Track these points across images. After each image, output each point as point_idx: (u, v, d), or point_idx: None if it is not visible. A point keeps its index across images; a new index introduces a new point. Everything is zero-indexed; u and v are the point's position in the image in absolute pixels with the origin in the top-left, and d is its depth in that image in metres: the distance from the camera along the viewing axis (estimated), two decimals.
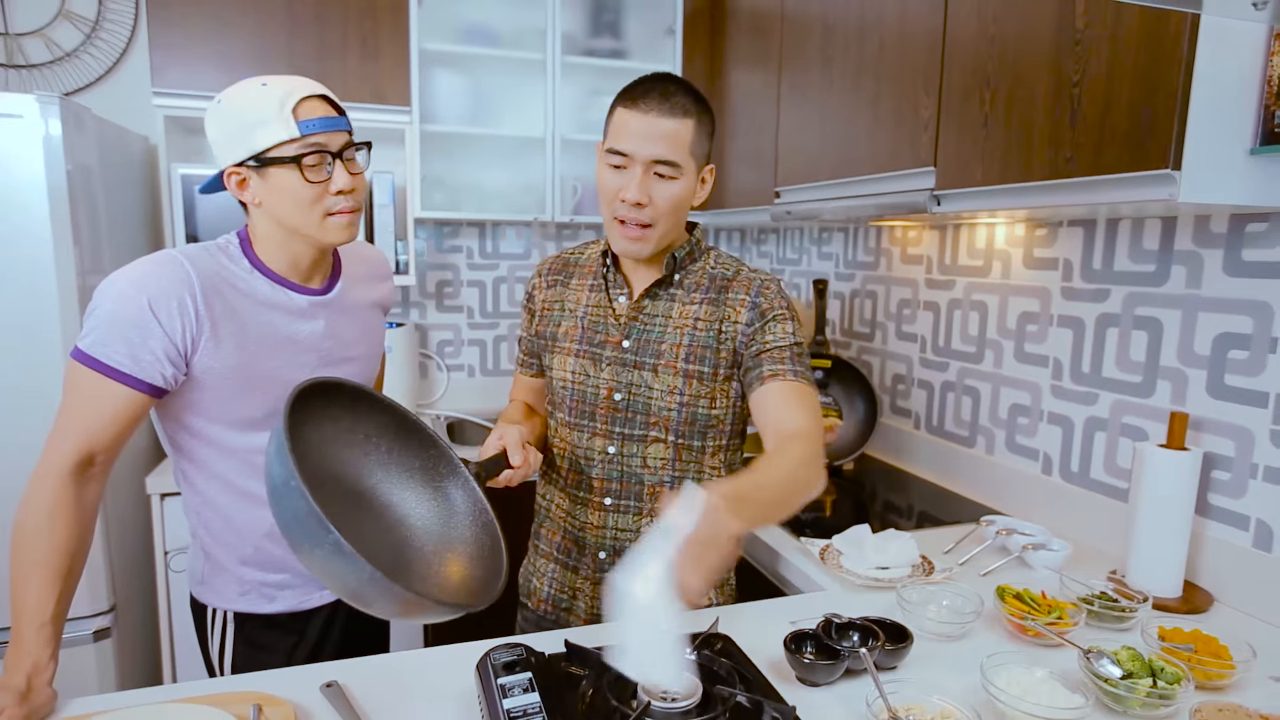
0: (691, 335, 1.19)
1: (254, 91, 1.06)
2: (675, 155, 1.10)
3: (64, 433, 1.01)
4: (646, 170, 1.10)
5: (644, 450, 1.21)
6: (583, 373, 1.22)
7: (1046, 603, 1.17)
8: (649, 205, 1.11)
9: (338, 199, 1.09)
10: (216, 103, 1.08)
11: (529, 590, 1.34)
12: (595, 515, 1.24)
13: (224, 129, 1.06)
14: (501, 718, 0.80)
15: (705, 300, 1.20)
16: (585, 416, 1.23)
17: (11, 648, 0.92)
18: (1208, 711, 0.88)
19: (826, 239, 2.46)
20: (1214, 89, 1.02)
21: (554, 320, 1.28)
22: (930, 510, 1.77)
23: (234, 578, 1.21)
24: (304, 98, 1.06)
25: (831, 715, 0.93)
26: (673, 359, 1.19)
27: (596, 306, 1.24)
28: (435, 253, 2.68)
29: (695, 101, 1.12)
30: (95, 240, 1.81)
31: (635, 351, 1.20)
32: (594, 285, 1.26)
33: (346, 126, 1.11)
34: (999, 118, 1.30)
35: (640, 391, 1.19)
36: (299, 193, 1.07)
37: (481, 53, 2.33)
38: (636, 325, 1.21)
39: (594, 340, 1.22)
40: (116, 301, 1.01)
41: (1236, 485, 1.29)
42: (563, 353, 1.25)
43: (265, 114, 1.04)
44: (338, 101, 1.12)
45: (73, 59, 2.19)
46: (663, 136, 1.09)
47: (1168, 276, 1.40)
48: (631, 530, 1.23)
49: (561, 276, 1.30)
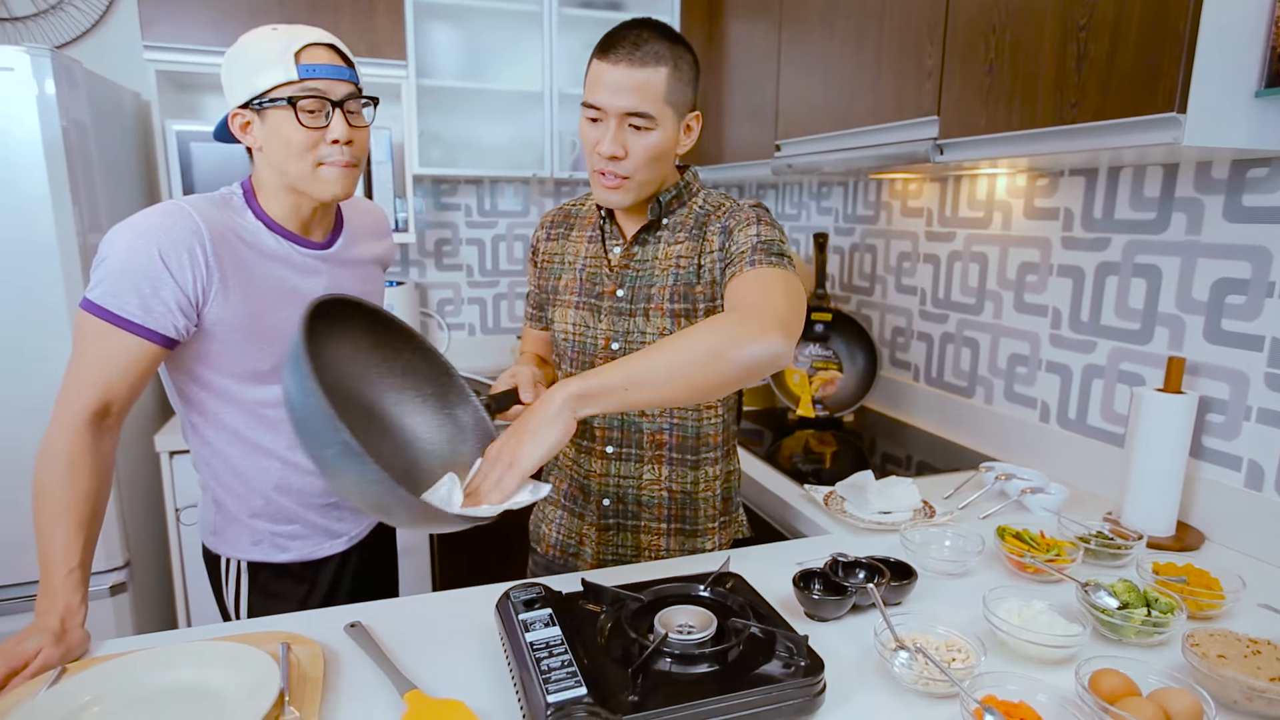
0: (675, 275, 1.18)
1: (264, 36, 1.06)
2: (647, 106, 1.07)
3: (78, 384, 1.02)
4: (620, 122, 1.08)
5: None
6: (583, 324, 1.23)
7: (1045, 542, 1.21)
8: (626, 157, 1.10)
9: (332, 149, 1.08)
10: (231, 48, 1.08)
11: (538, 536, 1.37)
12: (598, 464, 1.26)
13: (232, 70, 1.07)
14: (525, 652, 0.83)
15: (689, 238, 1.19)
16: (585, 367, 1.23)
17: (42, 594, 0.95)
18: (1200, 637, 0.92)
19: (826, 193, 2.46)
20: (1221, 31, 1.02)
21: (554, 273, 1.28)
22: (930, 460, 1.80)
23: (246, 528, 1.23)
24: (310, 44, 1.06)
25: (841, 648, 0.97)
26: (660, 301, 1.18)
27: (593, 258, 1.24)
28: (433, 210, 2.66)
29: (670, 46, 1.08)
30: (92, 198, 1.80)
31: (629, 299, 1.20)
32: (591, 236, 1.26)
33: (351, 77, 1.10)
34: (1004, 64, 1.30)
35: (635, 339, 1.20)
36: (292, 137, 1.06)
37: (478, 5, 2.29)
38: (629, 273, 1.20)
39: (592, 292, 1.22)
40: (126, 253, 1.01)
41: (1230, 427, 1.32)
42: (564, 305, 1.25)
43: (269, 56, 1.04)
44: (348, 53, 1.11)
45: (58, 11, 2.14)
46: (634, 88, 1.06)
47: (1168, 223, 1.41)
48: (634, 477, 1.25)
49: (563, 229, 1.30)
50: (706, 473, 1.27)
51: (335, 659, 0.93)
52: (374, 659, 0.92)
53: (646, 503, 1.26)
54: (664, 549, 1.28)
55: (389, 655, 0.93)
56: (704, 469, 1.27)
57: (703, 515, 1.29)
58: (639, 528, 1.27)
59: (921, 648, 0.88)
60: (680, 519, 1.27)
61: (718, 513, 1.30)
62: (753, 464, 1.73)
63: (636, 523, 1.27)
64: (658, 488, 1.26)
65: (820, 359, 2.14)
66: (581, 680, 0.77)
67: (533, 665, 0.80)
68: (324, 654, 0.92)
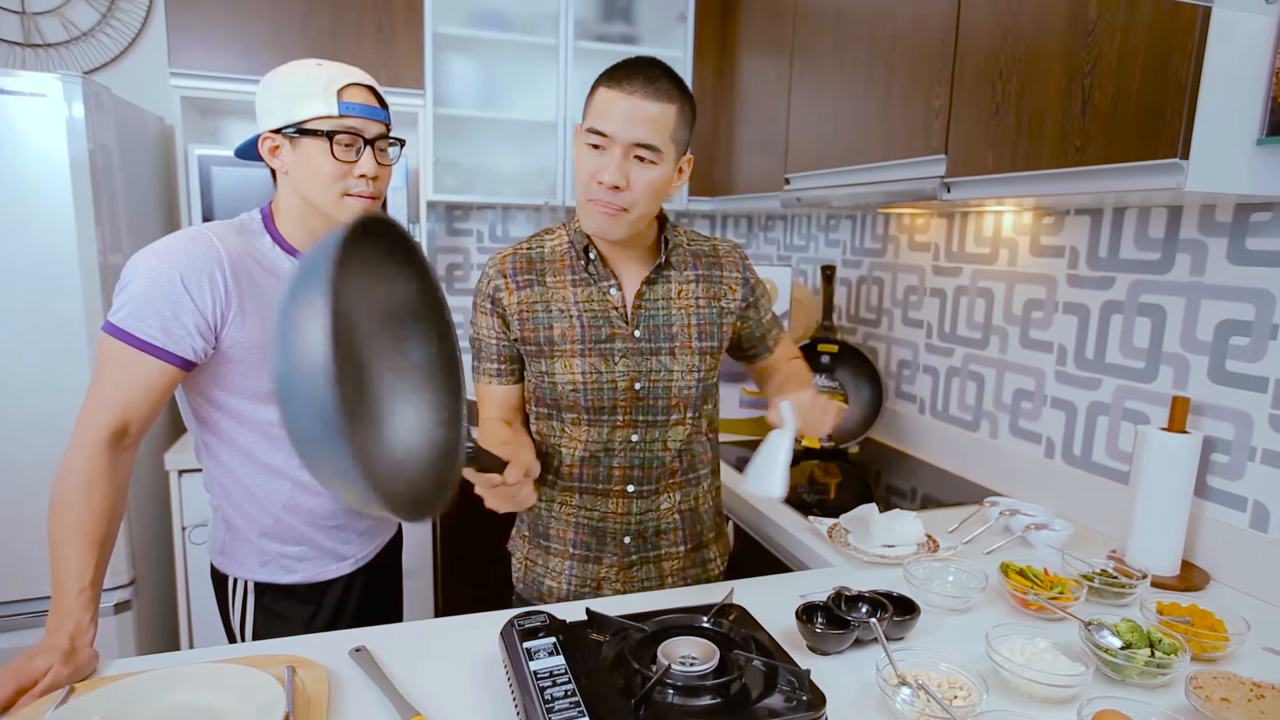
0: (698, 314, 1.24)
1: (307, 68, 1.12)
2: (656, 139, 1.08)
3: (98, 405, 1.04)
4: (626, 153, 1.08)
5: (665, 434, 1.24)
6: (594, 371, 1.19)
7: (1049, 579, 1.21)
8: (626, 189, 1.09)
9: (359, 182, 1.14)
10: (272, 74, 1.13)
11: (542, 592, 1.31)
12: (617, 504, 1.25)
13: (270, 95, 1.12)
14: (529, 681, 0.84)
15: (699, 279, 1.26)
16: (604, 412, 1.21)
17: (53, 612, 0.96)
18: (1203, 679, 0.92)
19: (834, 226, 2.49)
20: (1223, 80, 1.05)
21: (541, 324, 1.20)
22: (934, 493, 1.80)
23: (254, 548, 1.25)
24: (351, 84, 1.12)
25: (842, 682, 0.97)
26: (686, 340, 1.22)
27: (589, 302, 1.20)
28: (446, 235, 2.70)
29: (678, 88, 1.11)
30: (114, 220, 1.84)
31: (649, 338, 1.21)
32: (577, 280, 1.20)
33: (385, 119, 1.16)
34: (1010, 106, 1.32)
35: (660, 377, 1.21)
36: (324, 167, 1.11)
37: (495, 37, 2.35)
38: (643, 313, 1.21)
39: (599, 337, 1.19)
40: (149, 277, 1.04)
41: (1235, 467, 1.32)
42: (565, 355, 1.19)
43: (312, 89, 1.09)
44: (383, 95, 1.17)
45: (89, 38, 2.20)
46: (646, 119, 1.07)
47: (1172, 264, 1.42)
48: (653, 510, 1.26)
49: (532, 275, 1.21)
50: (703, 487, 1.32)
51: (340, 683, 0.94)
52: (378, 684, 0.93)
53: (664, 530, 1.28)
54: (681, 569, 1.30)
55: (393, 680, 0.94)
56: (702, 484, 1.32)
57: (705, 528, 1.33)
58: (660, 556, 1.29)
59: (924, 684, 0.88)
60: (693, 536, 1.31)
61: (716, 523, 1.37)
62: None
63: (657, 552, 1.28)
64: (673, 514, 1.28)
65: (826, 390, 2.15)
66: (584, 710, 0.78)
67: (536, 694, 0.81)
68: (328, 678, 0.93)
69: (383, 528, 1.41)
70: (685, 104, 1.12)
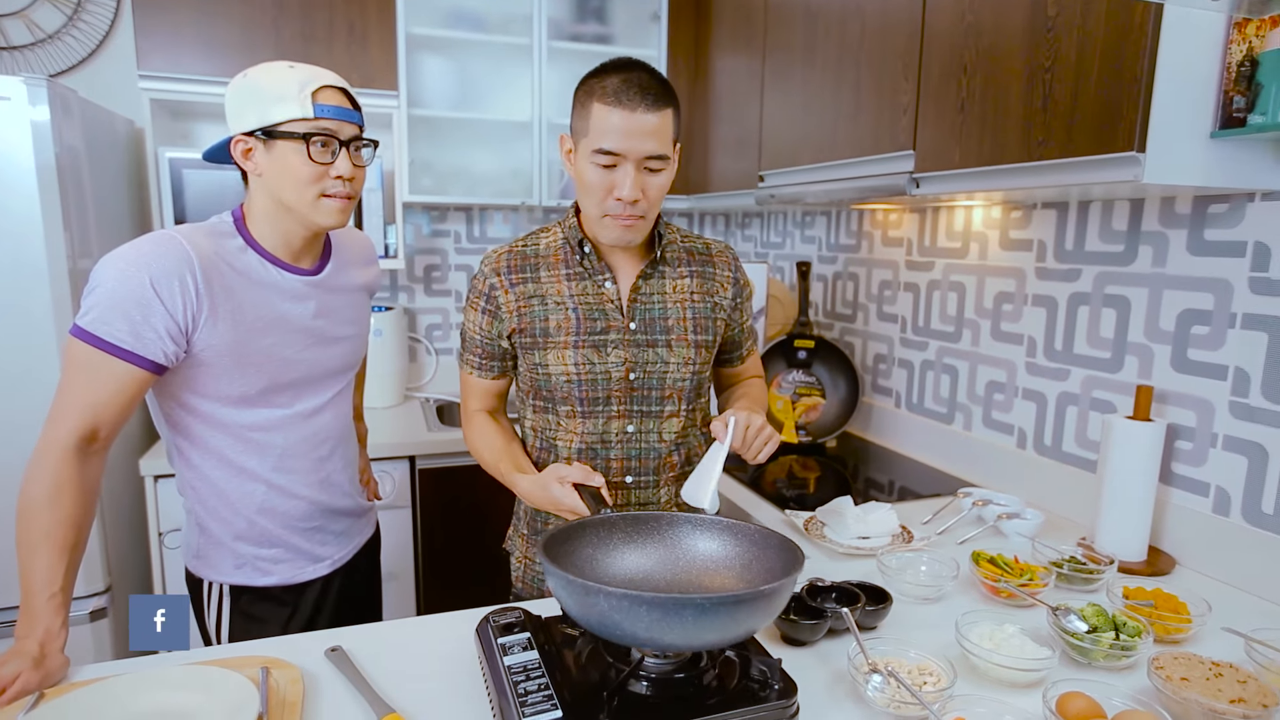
0: (693, 308, 1.26)
1: (280, 71, 1.11)
2: (665, 148, 1.12)
3: (66, 409, 1.03)
4: (639, 167, 1.12)
5: (660, 425, 1.26)
6: (586, 362, 1.22)
7: (1019, 566, 1.23)
8: (642, 199, 1.13)
9: (335, 183, 1.14)
10: (242, 76, 1.12)
11: (543, 590, 1.32)
12: (616, 494, 1.26)
13: (241, 98, 1.11)
14: (503, 675, 0.84)
15: (692, 274, 1.28)
16: (599, 403, 1.23)
17: (23, 618, 0.95)
18: (1164, 660, 0.94)
19: (809, 222, 2.51)
20: (1176, 75, 1.07)
21: (537, 316, 1.22)
22: (910, 485, 1.83)
23: (229, 551, 1.24)
24: (325, 86, 1.12)
25: (815, 671, 0.98)
26: (682, 332, 1.24)
27: (584, 295, 1.22)
28: (423, 237, 2.69)
29: (666, 88, 1.14)
30: (84, 224, 1.82)
31: (645, 331, 1.23)
32: (572, 275, 1.23)
33: (359, 120, 1.17)
34: (975, 102, 1.35)
35: (655, 368, 1.23)
36: (299, 170, 1.11)
37: (468, 37, 2.35)
38: (639, 306, 1.23)
39: (594, 329, 1.22)
40: (118, 280, 1.03)
41: (1198, 454, 1.35)
42: (558, 347, 1.22)
43: (285, 91, 1.09)
44: (355, 97, 1.17)
45: (54, 41, 2.17)
46: (652, 132, 1.10)
47: (1135, 256, 1.45)
48: (653, 503, 1.28)
49: (526, 272, 1.24)
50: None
51: (314, 683, 0.94)
52: (353, 683, 0.93)
53: None
54: None
55: (368, 680, 0.94)
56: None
57: None
58: None
59: (894, 671, 0.90)
60: None
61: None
62: (736, 489, 1.75)
63: None
64: (672, 507, 1.29)
65: (803, 385, 2.17)
66: (558, 704, 0.78)
67: (510, 689, 0.81)
68: (303, 678, 0.93)
69: (359, 529, 1.41)
70: (675, 101, 1.15)
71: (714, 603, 0.75)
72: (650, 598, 0.74)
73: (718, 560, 0.98)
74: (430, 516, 2.19)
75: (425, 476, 2.16)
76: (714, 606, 0.75)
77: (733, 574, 0.96)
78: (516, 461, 1.26)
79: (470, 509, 2.21)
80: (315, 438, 1.27)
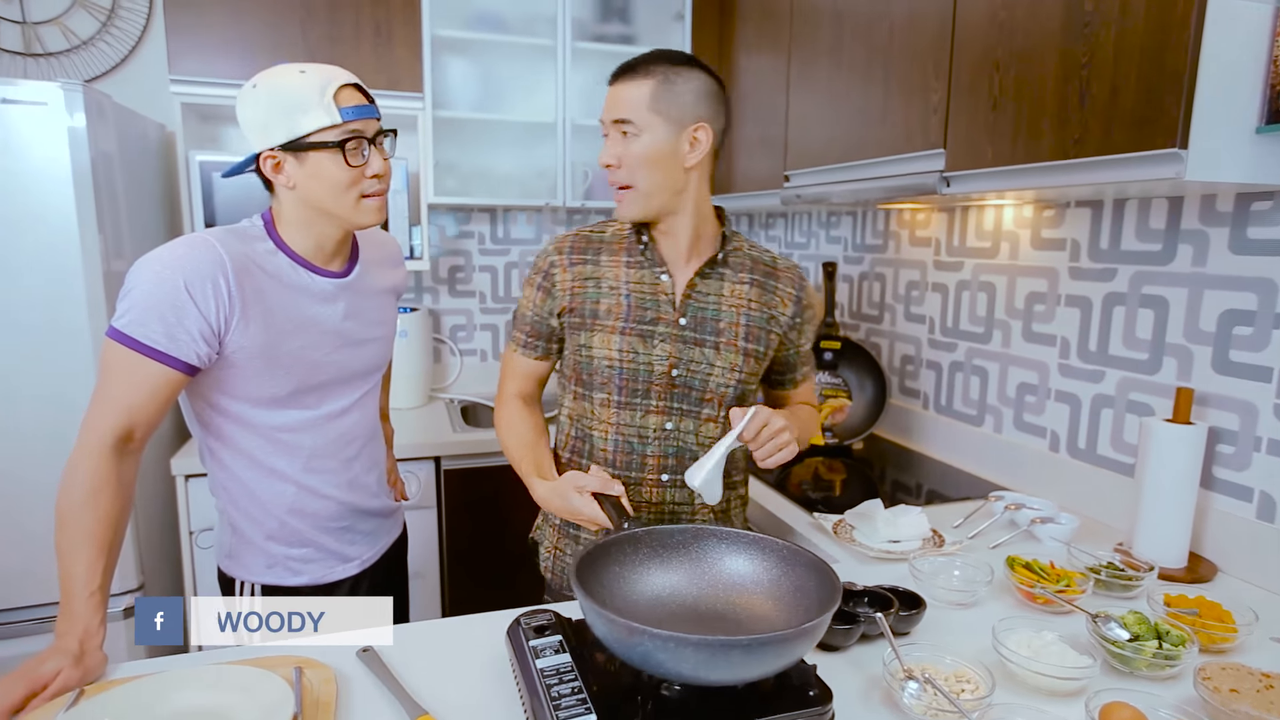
0: (748, 315, 1.25)
1: (293, 77, 1.09)
2: (630, 114, 1.15)
3: (102, 411, 1.04)
4: (614, 132, 1.17)
5: (699, 426, 1.24)
6: (630, 350, 1.21)
7: (1055, 572, 1.21)
8: (620, 166, 1.17)
9: (372, 182, 1.14)
10: (251, 86, 1.11)
11: (563, 572, 1.32)
12: (650, 492, 1.26)
13: (261, 112, 1.09)
14: (536, 679, 0.84)
15: (753, 283, 1.27)
16: (638, 395, 1.23)
17: (62, 616, 0.96)
18: (1211, 670, 0.92)
19: (835, 222, 2.49)
20: (1220, 70, 1.05)
21: (589, 297, 1.24)
22: (939, 488, 1.80)
23: (260, 551, 1.25)
24: (343, 85, 1.11)
25: (849, 676, 0.97)
26: (733, 337, 1.23)
27: (640, 283, 1.23)
28: (448, 238, 2.71)
29: (669, 65, 1.16)
30: (117, 226, 1.84)
31: (694, 328, 1.22)
32: (631, 262, 1.25)
33: (378, 114, 1.16)
34: (1008, 100, 1.32)
35: (699, 368, 1.22)
36: (338, 176, 1.11)
37: (493, 39, 2.35)
38: (692, 303, 1.23)
39: (643, 318, 1.22)
40: (153, 283, 1.04)
41: (1240, 458, 1.32)
42: (605, 330, 1.22)
43: (306, 100, 1.07)
44: (368, 90, 1.16)
45: (89, 47, 2.21)
46: (620, 100, 1.16)
47: (1174, 255, 1.42)
48: (686, 503, 1.27)
49: (587, 255, 1.27)
50: (737, 492, 1.34)
51: (347, 683, 0.94)
52: (385, 684, 0.93)
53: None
54: None
55: (400, 680, 0.94)
56: (736, 489, 1.34)
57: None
58: None
59: (931, 678, 0.89)
60: None
61: (742, 528, 1.34)
62: (763, 491, 1.74)
63: None
64: (706, 511, 1.28)
65: (830, 387, 2.15)
66: (591, 708, 0.78)
67: (543, 692, 0.81)
68: (336, 678, 0.93)
69: (387, 529, 1.42)
70: (673, 76, 1.16)
71: (760, 643, 0.74)
72: (696, 640, 0.74)
73: (746, 577, 0.97)
74: (455, 517, 2.20)
75: (450, 477, 2.16)
76: (759, 646, 0.75)
77: (762, 590, 0.95)
78: (538, 463, 1.25)
79: (495, 509, 2.21)
80: (343, 438, 1.28)
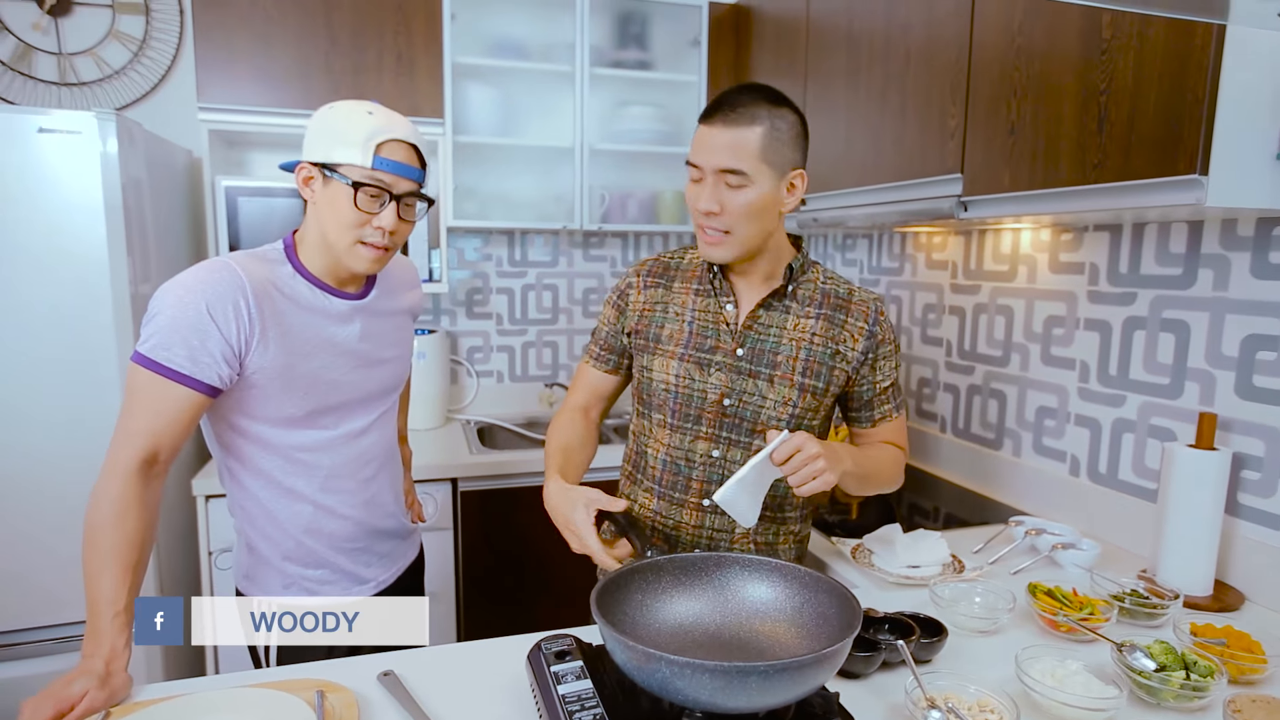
0: (808, 349, 1.22)
1: (359, 114, 1.14)
2: (740, 164, 1.11)
3: (128, 433, 1.06)
4: (717, 180, 1.13)
5: (746, 456, 1.22)
6: (687, 376, 1.22)
7: (1078, 599, 1.19)
8: (722, 213, 1.13)
9: (375, 233, 1.16)
10: (328, 108, 1.16)
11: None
12: (692, 515, 1.26)
13: (316, 126, 1.15)
14: (557, 704, 0.84)
15: (820, 316, 1.23)
16: (690, 420, 1.24)
17: (88, 637, 0.97)
18: (1242, 702, 0.90)
19: (851, 245, 2.49)
20: (1240, 96, 1.05)
21: (655, 321, 1.27)
22: (957, 512, 1.79)
23: (277, 572, 1.26)
24: (392, 140, 1.13)
25: (869, 704, 0.96)
26: (789, 371, 1.21)
27: (704, 312, 1.24)
28: (466, 261, 2.74)
29: (771, 107, 1.13)
30: (144, 251, 1.88)
31: (750, 360, 1.22)
32: (700, 290, 1.26)
33: (418, 178, 1.18)
34: (1026, 125, 1.33)
35: (751, 400, 1.21)
36: (344, 212, 1.13)
37: (512, 66, 2.39)
38: (751, 334, 1.22)
39: (703, 346, 1.23)
40: (176, 307, 1.06)
41: (1267, 484, 1.30)
42: (665, 355, 1.24)
43: (354, 137, 1.11)
44: (424, 155, 1.19)
45: (121, 76, 2.27)
46: (726, 146, 1.11)
47: (1195, 279, 1.42)
48: (727, 531, 1.26)
49: (662, 280, 1.29)
50: (789, 529, 1.31)
51: (368, 707, 0.95)
52: (406, 708, 0.93)
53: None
54: None
55: (420, 705, 0.94)
56: (788, 525, 1.30)
57: None
58: None
59: (954, 707, 0.88)
60: None
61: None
62: None
63: None
64: (747, 541, 1.27)
65: None
66: None
67: (565, 718, 0.81)
68: (358, 702, 0.93)
69: (404, 551, 1.42)
70: (778, 122, 1.13)
71: (777, 669, 0.74)
72: (713, 666, 0.74)
73: (768, 604, 0.97)
74: (472, 538, 2.20)
75: (467, 498, 2.17)
76: (777, 673, 0.74)
77: (784, 618, 0.95)
78: (564, 466, 1.24)
79: (512, 531, 2.22)
80: (360, 458, 1.29)
